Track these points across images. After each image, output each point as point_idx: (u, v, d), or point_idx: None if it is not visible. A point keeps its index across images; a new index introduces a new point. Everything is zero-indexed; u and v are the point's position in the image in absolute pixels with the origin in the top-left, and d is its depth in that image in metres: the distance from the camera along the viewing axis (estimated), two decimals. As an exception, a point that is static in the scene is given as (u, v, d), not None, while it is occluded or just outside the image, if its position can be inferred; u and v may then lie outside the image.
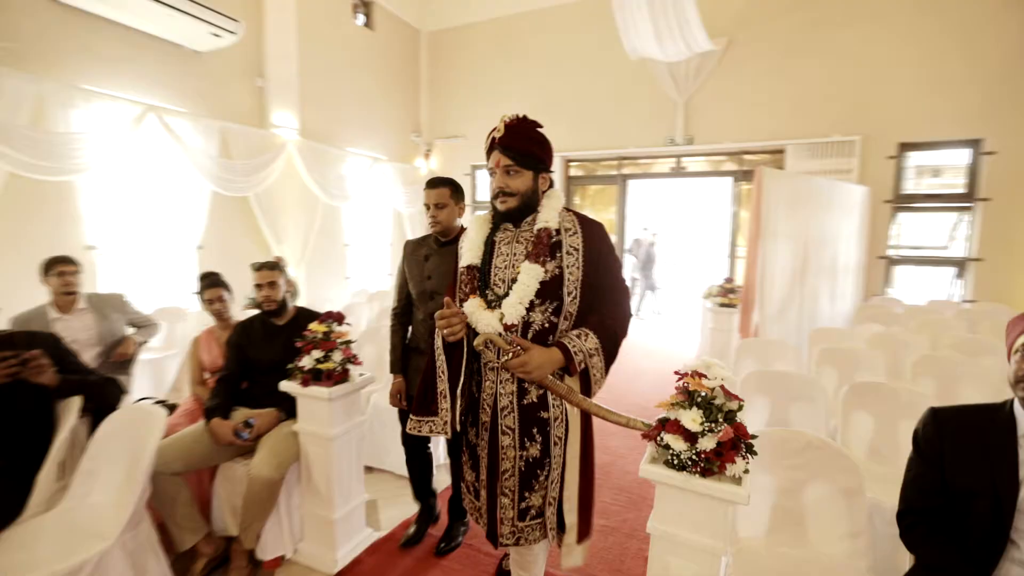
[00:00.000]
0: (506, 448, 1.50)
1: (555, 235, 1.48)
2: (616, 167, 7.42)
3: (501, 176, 1.48)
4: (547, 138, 1.55)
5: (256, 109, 5.86)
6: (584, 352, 1.43)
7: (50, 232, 3.94)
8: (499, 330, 1.42)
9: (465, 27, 8.26)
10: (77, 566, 1.53)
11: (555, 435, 1.51)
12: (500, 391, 1.50)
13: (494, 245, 1.54)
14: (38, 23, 3.91)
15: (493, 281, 1.50)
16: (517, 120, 1.51)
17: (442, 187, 2.06)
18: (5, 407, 1.81)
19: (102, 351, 2.80)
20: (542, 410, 1.50)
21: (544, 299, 1.44)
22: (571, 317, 1.49)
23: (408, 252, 2.18)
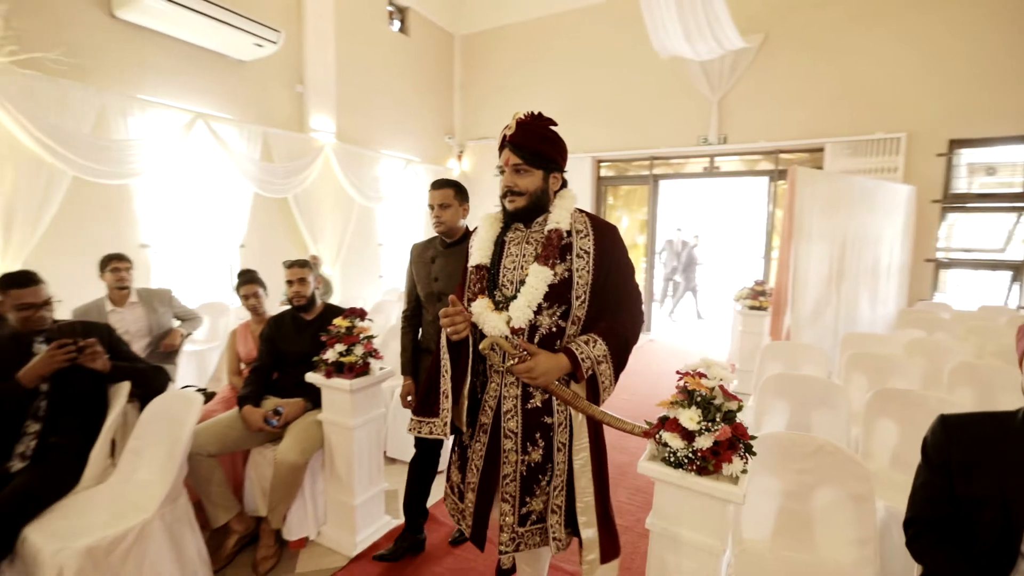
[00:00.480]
0: (508, 452, 1.46)
1: (566, 237, 1.44)
2: (647, 167, 7.34)
3: (510, 174, 1.44)
4: (560, 137, 1.50)
5: (296, 114, 6.13)
6: (592, 359, 1.39)
7: (108, 231, 4.26)
8: (506, 333, 1.39)
9: (497, 30, 8.36)
10: (122, 534, 1.69)
11: (558, 441, 1.47)
12: (504, 394, 1.46)
13: (504, 245, 1.50)
14: (101, 40, 4.24)
15: (502, 282, 1.47)
16: (530, 117, 1.45)
17: (446, 188, 2.08)
18: (64, 389, 2.01)
19: (151, 342, 3.02)
20: (546, 415, 1.45)
21: (552, 303, 1.41)
22: (579, 321, 1.45)
23: (415, 255, 2.20)
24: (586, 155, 7.56)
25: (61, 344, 1.93)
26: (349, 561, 2.22)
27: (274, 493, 2.17)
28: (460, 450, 1.56)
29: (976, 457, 1.22)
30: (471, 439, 1.51)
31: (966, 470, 1.23)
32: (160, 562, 1.79)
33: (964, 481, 1.23)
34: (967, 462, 1.23)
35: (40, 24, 3.82)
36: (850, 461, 1.59)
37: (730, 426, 1.38)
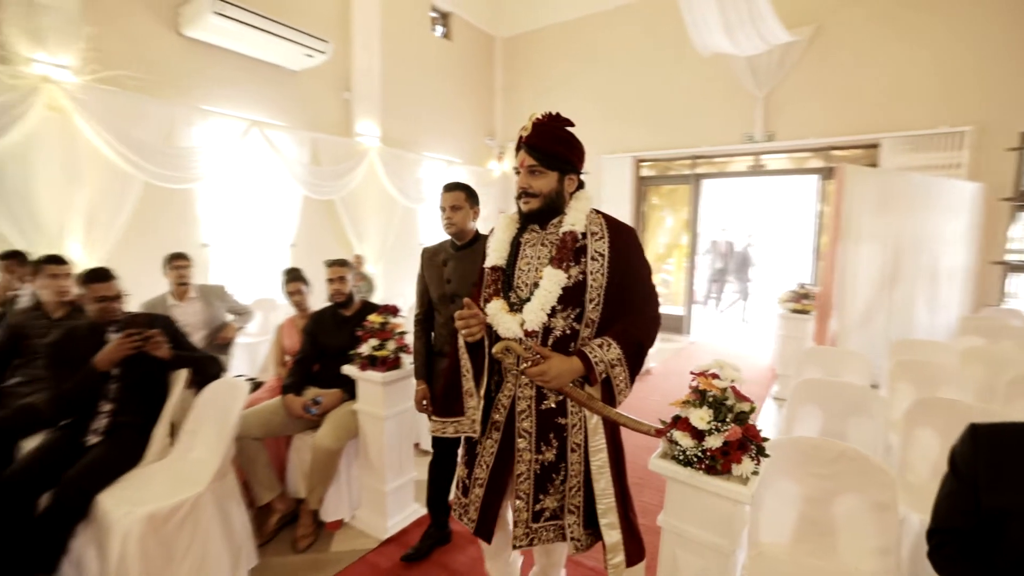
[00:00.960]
0: (521, 451, 1.47)
1: (580, 239, 1.43)
2: (689, 166, 7.19)
3: (525, 176, 1.44)
4: (576, 138, 1.47)
5: (343, 120, 6.42)
6: (606, 363, 1.39)
7: (173, 231, 4.64)
8: (520, 335, 1.40)
9: (537, 31, 8.42)
10: (178, 504, 1.88)
11: (572, 442, 1.47)
12: (519, 395, 1.47)
13: (520, 246, 1.51)
14: (170, 56, 4.62)
15: (517, 283, 1.47)
16: (547, 118, 1.43)
17: (457, 191, 2.11)
18: (132, 374, 2.23)
19: (207, 334, 3.28)
20: (560, 416, 1.46)
21: (566, 305, 1.40)
22: (593, 324, 1.45)
23: (426, 259, 2.22)
24: (626, 155, 7.50)
25: (130, 333, 2.16)
26: (380, 544, 2.35)
27: (312, 476, 2.33)
28: (469, 446, 1.57)
29: (1006, 468, 1.18)
30: (482, 436, 1.52)
31: (994, 481, 1.19)
32: (210, 532, 1.97)
33: (991, 493, 1.19)
34: (996, 473, 1.19)
35: (119, 44, 4.20)
36: (874, 469, 1.55)
37: (741, 427, 1.39)
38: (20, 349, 2.55)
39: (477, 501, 1.50)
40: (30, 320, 2.62)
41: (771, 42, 4.91)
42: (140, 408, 2.25)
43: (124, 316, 2.29)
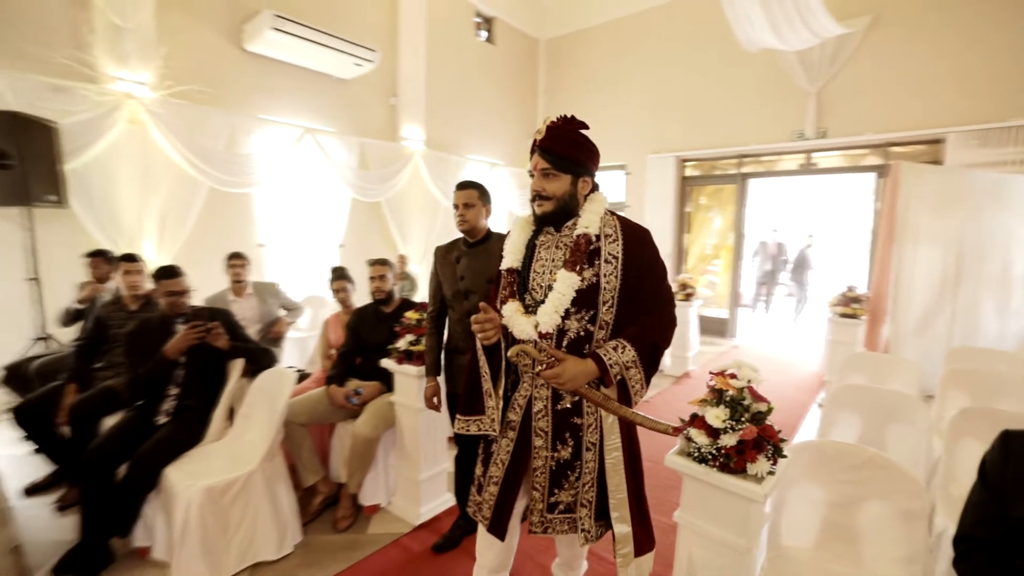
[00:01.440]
0: (538, 449, 1.50)
1: (594, 241, 1.43)
2: (736, 165, 7.00)
3: (538, 179, 1.44)
4: (590, 141, 1.47)
5: (389, 125, 6.68)
6: (620, 364, 1.40)
7: (233, 232, 5.00)
8: (534, 337, 1.41)
9: (581, 32, 8.42)
10: (233, 480, 2.07)
11: (588, 441, 1.48)
12: (535, 395, 1.49)
13: (535, 248, 1.52)
14: (233, 70, 4.98)
15: (531, 286, 1.49)
16: (560, 121, 1.44)
17: (470, 189, 2.15)
18: (196, 362, 2.47)
19: (262, 328, 3.54)
20: (576, 416, 1.48)
21: (580, 307, 1.41)
22: (607, 326, 1.45)
23: (439, 256, 2.25)
24: (670, 155, 7.38)
25: (194, 325, 2.38)
26: (413, 529, 2.48)
27: (351, 462, 2.49)
28: (485, 445, 1.59)
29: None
30: (499, 435, 1.53)
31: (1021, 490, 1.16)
32: (260, 508, 2.16)
33: (1018, 501, 1.16)
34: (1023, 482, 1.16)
35: (190, 61, 4.58)
36: (902, 476, 1.51)
37: (758, 427, 1.40)
38: (104, 338, 2.87)
39: (491, 499, 1.52)
40: (111, 312, 2.93)
41: (822, 36, 4.72)
42: (202, 393, 2.48)
43: (190, 309, 2.53)
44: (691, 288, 5.06)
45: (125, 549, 2.22)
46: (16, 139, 3.35)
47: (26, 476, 2.81)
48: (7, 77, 3.57)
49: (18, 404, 2.72)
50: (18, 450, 2.96)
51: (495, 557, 1.59)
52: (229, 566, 2.06)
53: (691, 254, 7.94)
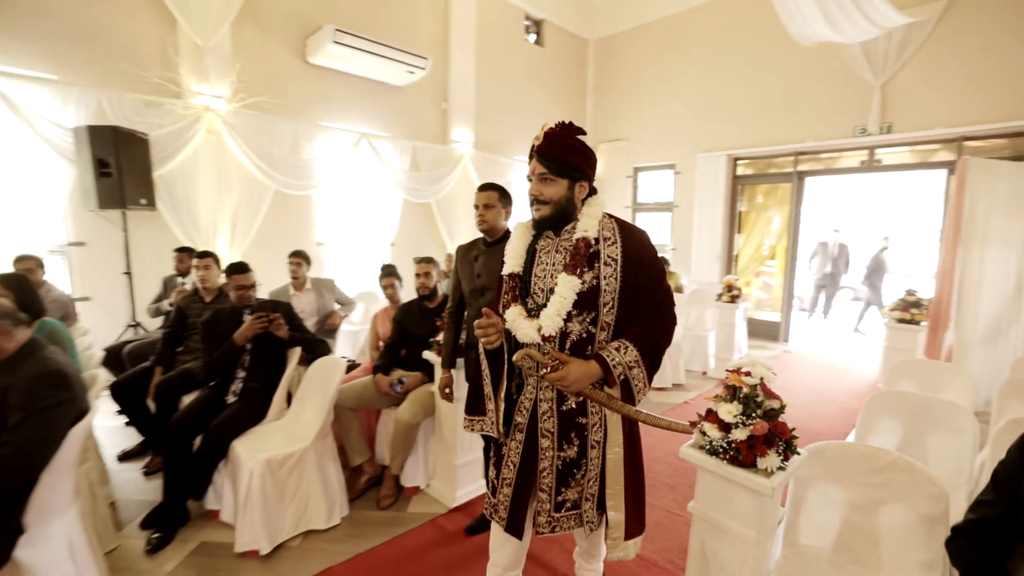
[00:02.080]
0: (544, 449, 1.53)
1: (594, 244, 1.45)
2: (791, 163, 6.73)
3: (536, 183, 1.47)
4: (587, 147, 1.50)
5: (440, 128, 6.94)
6: (623, 365, 1.42)
7: (295, 231, 5.40)
8: (537, 340, 1.43)
9: (630, 31, 8.36)
10: (289, 454, 2.31)
11: (592, 440, 1.51)
12: (540, 397, 1.52)
13: (536, 253, 1.54)
14: (297, 81, 5.37)
15: (533, 290, 1.51)
16: (558, 127, 1.47)
17: (491, 191, 2.24)
18: (260, 349, 2.75)
19: (318, 320, 3.84)
20: (580, 416, 1.51)
21: (581, 310, 1.43)
22: (609, 327, 1.47)
23: (460, 255, 2.34)
24: (721, 153, 7.21)
25: (259, 316, 2.66)
26: (449, 510, 2.64)
27: (394, 446, 2.68)
28: (496, 448, 1.62)
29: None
30: (507, 437, 1.57)
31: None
32: (312, 481, 2.39)
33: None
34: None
35: (260, 75, 5.00)
36: (925, 480, 1.50)
37: (770, 423, 1.45)
38: (184, 326, 3.23)
39: (506, 500, 1.55)
40: (190, 303, 3.30)
41: (884, 26, 4.49)
42: (265, 376, 2.75)
43: (256, 302, 2.82)
44: (737, 290, 4.95)
45: (199, 511, 2.52)
46: (115, 150, 3.82)
47: (120, 445, 3.21)
48: (108, 95, 4.06)
49: (113, 382, 3.12)
50: (113, 422, 3.39)
51: (508, 556, 1.63)
52: (284, 531, 2.30)
53: (744, 255, 7.70)
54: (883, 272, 7.96)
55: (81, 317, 3.55)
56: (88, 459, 2.21)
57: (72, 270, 4.22)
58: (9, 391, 1.58)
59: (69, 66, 4.01)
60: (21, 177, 3.86)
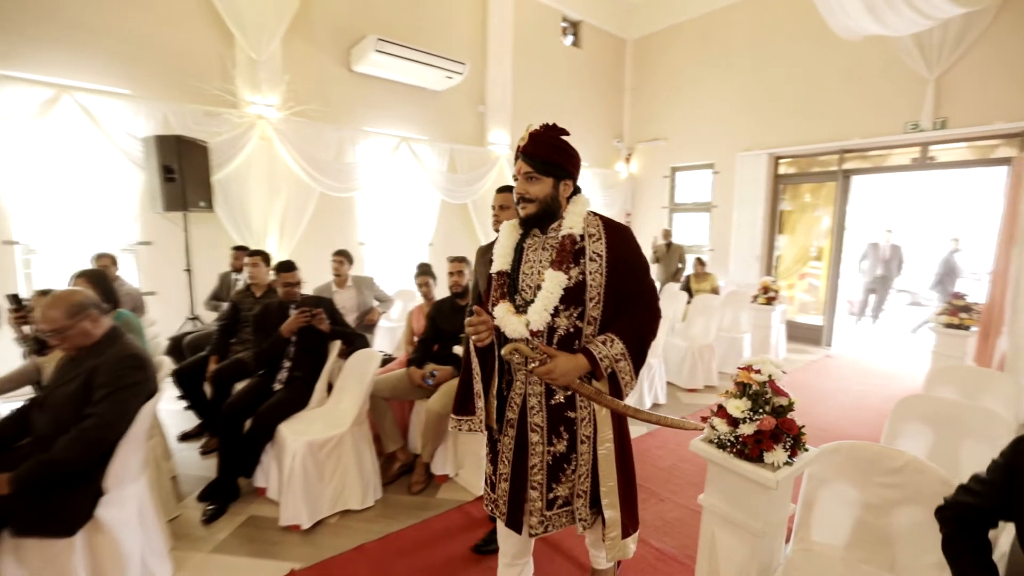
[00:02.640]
0: (534, 444, 1.54)
1: (579, 241, 1.49)
2: (836, 162, 6.50)
3: (522, 182, 1.50)
4: (571, 147, 1.53)
5: (477, 131, 7.11)
6: (610, 357, 1.45)
7: (339, 231, 5.68)
8: (525, 335, 1.46)
9: (668, 29, 8.28)
10: (328, 438, 2.50)
11: (582, 434, 1.54)
12: (529, 391, 1.54)
13: (523, 251, 1.57)
14: (342, 89, 5.65)
15: (521, 286, 1.53)
16: (543, 129, 1.52)
17: (508, 193, 2.25)
18: (304, 341, 2.96)
19: (358, 316, 4.05)
20: (569, 410, 1.53)
21: (568, 305, 1.46)
22: (595, 322, 1.50)
23: (479, 255, 2.39)
24: (762, 152, 7.04)
25: (303, 311, 2.87)
26: (475, 498, 2.76)
27: (425, 435, 2.84)
28: (491, 444, 1.66)
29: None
30: (500, 434, 1.60)
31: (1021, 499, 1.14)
32: (349, 464, 2.57)
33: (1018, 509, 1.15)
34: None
35: (307, 84, 5.29)
36: (942, 482, 1.49)
37: (777, 419, 1.49)
38: (237, 319, 3.50)
39: (504, 495, 1.58)
40: (242, 298, 3.57)
41: (935, 17, 4.30)
42: (308, 367, 2.96)
43: (301, 297, 3.04)
44: (773, 292, 4.85)
45: (248, 487, 2.75)
46: (178, 157, 4.17)
47: (180, 426, 3.52)
48: (172, 107, 4.43)
49: (175, 369, 3.42)
50: (175, 406, 3.71)
51: (514, 545, 1.69)
52: (323, 509, 2.49)
53: (787, 256, 7.47)
54: (955, 276, 7.50)
55: (147, 309, 3.90)
56: (154, 436, 2.48)
57: (140, 267, 4.62)
58: (96, 371, 1.82)
59: (140, 81, 4.40)
60: (99, 182, 4.28)
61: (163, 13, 4.48)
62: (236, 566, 2.18)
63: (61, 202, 4.18)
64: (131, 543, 1.91)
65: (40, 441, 1.80)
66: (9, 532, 1.65)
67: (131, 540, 1.91)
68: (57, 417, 1.81)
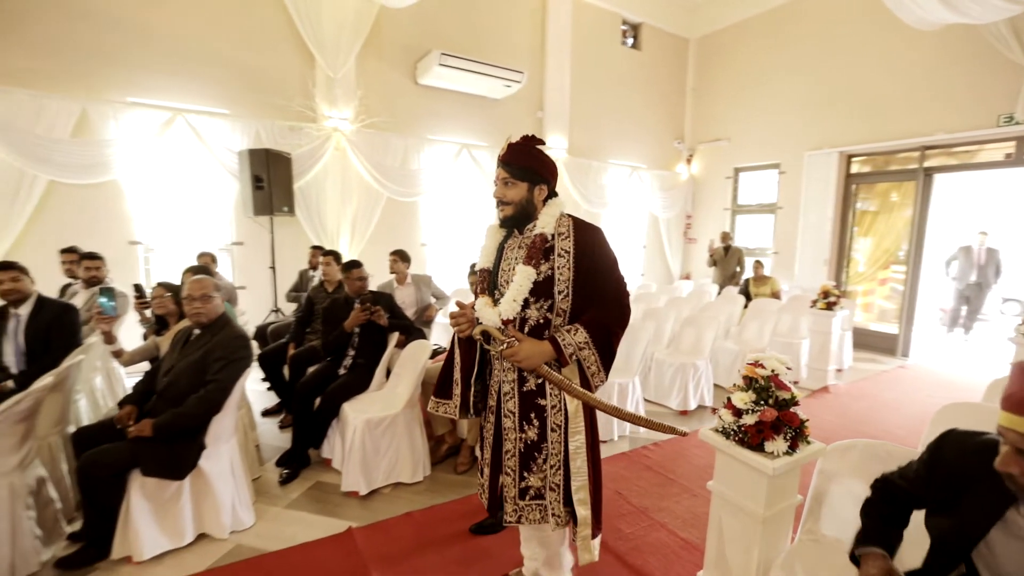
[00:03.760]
0: (508, 430, 1.63)
1: (549, 240, 1.59)
2: (917, 159, 6.07)
3: (500, 187, 1.62)
4: (545, 155, 1.66)
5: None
6: (574, 345, 1.55)
7: (403, 233, 6.12)
8: (498, 324, 1.57)
9: (733, 27, 8.08)
10: (384, 417, 2.82)
11: (552, 422, 1.60)
12: (503, 378, 1.64)
13: (504, 251, 1.69)
14: (409, 101, 6.10)
15: (500, 282, 1.65)
16: (521, 140, 1.64)
17: None
18: (366, 333, 3.32)
19: (416, 311, 4.40)
20: (540, 397, 1.61)
21: (538, 297, 1.57)
22: (564, 314, 1.60)
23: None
24: (832, 150, 6.72)
25: (364, 307, 3.22)
26: (514, 481, 2.98)
27: (470, 421, 3.08)
28: (481, 430, 1.75)
29: (956, 480, 1.15)
30: (483, 420, 1.70)
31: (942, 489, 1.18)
32: (401, 443, 2.87)
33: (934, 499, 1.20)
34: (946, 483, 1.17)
35: (378, 97, 5.78)
36: (952, 482, 1.51)
37: (779, 412, 1.58)
38: (312, 312, 3.95)
39: (486, 481, 1.67)
40: (317, 293, 4.02)
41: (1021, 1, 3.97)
42: (370, 355, 3.32)
43: (366, 293, 3.40)
44: (834, 296, 4.67)
45: (317, 458, 3.15)
46: (267, 168, 4.74)
47: (263, 404, 4.03)
48: (262, 123, 5.03)
49: (259, 354, 3.92)
50: (259, 387, 4.23)
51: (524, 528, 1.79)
52: (378, 479, 2.81)
53: (865, 259, 7.02)
54: None
55: (239, 300, 4.48)
56: (242, 407, 2.91)
57: (234, 264, 5.28)
58: (214, 347, 2.27)
59: (237, 102, 5.04)
60: (203, 190, 4.96)
61: (257, 41, 5.10)
62: (304, 520, 2.54)
63: (173, 208, 4.90)
64: (224, 492, 2.31)
65: (164, 400, 2.25)
66: (139, 471, 2.09)
67: (224, 489, 2.31)
68: (182, 381, 2.25)
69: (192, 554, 2.22)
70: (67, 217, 4.43)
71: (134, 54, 4.57)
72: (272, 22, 5.13)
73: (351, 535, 2.40)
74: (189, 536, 2.25)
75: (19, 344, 2.72)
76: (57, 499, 2.29)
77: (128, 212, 4.68)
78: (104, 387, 3.29)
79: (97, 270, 3.63)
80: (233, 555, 2.24)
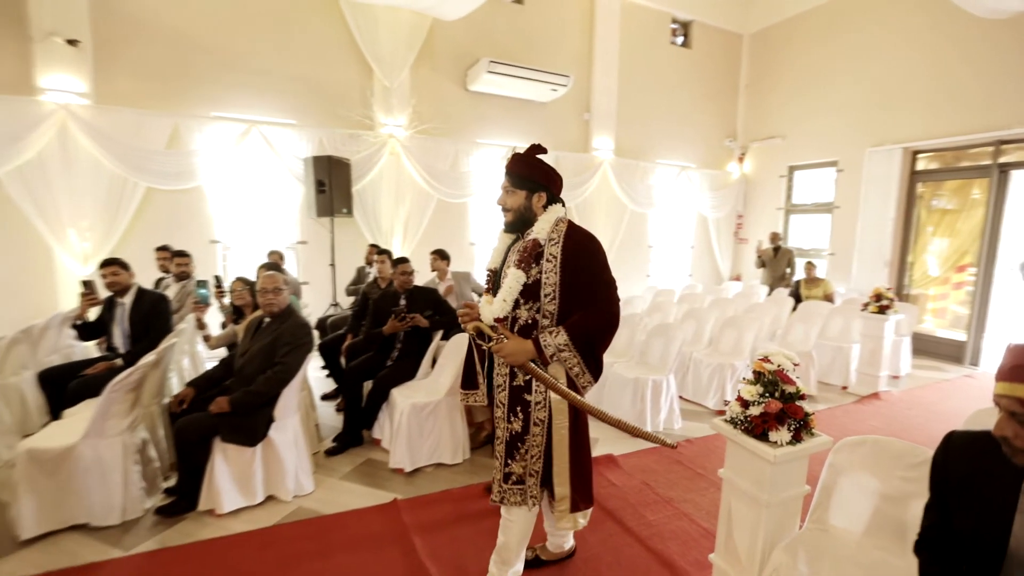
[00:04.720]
0: (498, 419, 1.79)
1: (541, 245, 1.69)
2: (991, 155, 5.69)
3: (502, 195, 1.76)
4: (545, 164, 1.77)
5: (581, 137, 7.45)
6: (554, 346, 1.65)
7: (453, 233, 6.43)
8: (491, 322, 1.70)
9: (790, 20, 7.83)
10: (428, 402, 3.09)
11: (536, 417, 1.72)
12: (497, 371, 1.79)
13: (509, 253, 1.82)
14: (459, 107, 6.39)
15: (502, 283, 1.76)
16: (527, 150, 1.76)
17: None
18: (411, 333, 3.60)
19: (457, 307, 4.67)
20: (526, 393, 1.73)
21: (528, 299, 1.69)
22: (551, 316, 1.70)
23: None
24: (895, 146, 6.40)
25: (400, 318, 3.48)
26: (547, 468, 3.17)
27: (507, 409, 3.30)
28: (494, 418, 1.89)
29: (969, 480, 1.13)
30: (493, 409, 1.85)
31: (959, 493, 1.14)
32: (442, 426, 3.13)
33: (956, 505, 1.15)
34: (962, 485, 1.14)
35: (430, 105, 6.11)
36: (958, 479, 1.56)
37: (784, 404, 1.68)
38: (367, 305, 4.30)
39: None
40: (371, 288, 4.37)
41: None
42: (415, 347, 3.60)
43: (412, 288, 3.69)
44: (887, 300, 4.50)
45: (369, 438, 3.46)
46: (328, 173, 5.16)
47: (323, 389, 4.42)
48: (325, 132, 5.48)
49: (320, 344, 4.32)
50: (319, 373, 4.64)
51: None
52: (422, 459, 3.08)
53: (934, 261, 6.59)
54: None
55: (303, 295, 4.92)
56: (304, 389, 3.27)
57: (298, 261, 5.77)
58: (282, 334, 2.62)
59: (303, 112, 5.51)
60: (272, 194, 5.47)
61: (320, 57, 5.56)
62: (356, 491, 2.84)
63: (247, 210, 5.43)
64: (289, 459, 2.65)
65: (240, 380, 2.61)
66: (220, 438, 2.46)
67: (289, 457, 2.65)
68: (255, 362, 2.61)
69: (262, 511, 2.57)
70: (160, 219, 5.03)
71: (217, 74, 5.12)
72: (334, 39, 5.57)
73: (396, 506, 2.67)
74: (260, 496, 2.60)
75: (124, 328, 3.20)
76: (156, 459, 2.72)
77: (209, 214, 5.25)
78: (190, 367, 3.77)
79: (186, 266, 4.15)
80: (295, 515, 2.57)
